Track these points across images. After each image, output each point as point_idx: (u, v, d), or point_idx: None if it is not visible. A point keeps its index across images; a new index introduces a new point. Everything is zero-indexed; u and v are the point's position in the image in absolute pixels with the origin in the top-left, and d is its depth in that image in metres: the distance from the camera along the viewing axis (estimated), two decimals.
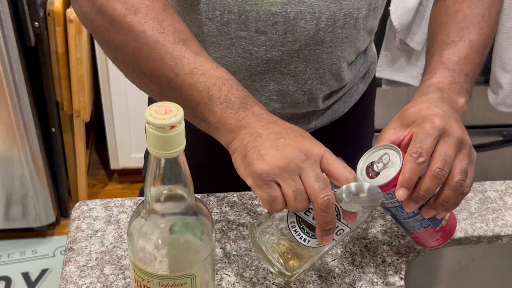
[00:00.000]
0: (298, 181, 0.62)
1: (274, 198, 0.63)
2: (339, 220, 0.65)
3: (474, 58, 0.79)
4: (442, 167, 0.64)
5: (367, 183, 0.64)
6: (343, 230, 0.66)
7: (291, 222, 0.66)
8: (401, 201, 0.67)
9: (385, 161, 0.67)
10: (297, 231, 0.66)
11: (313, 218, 0.64)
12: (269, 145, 0.64)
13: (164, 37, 0.68)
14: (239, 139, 0.66)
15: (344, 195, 0.63)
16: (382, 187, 0.65)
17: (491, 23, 0.82)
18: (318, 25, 0.78)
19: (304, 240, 0.66)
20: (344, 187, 0.63)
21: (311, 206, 0.64)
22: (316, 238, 0.65)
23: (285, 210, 0.65)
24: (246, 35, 0.79)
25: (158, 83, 0.69)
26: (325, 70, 0.84)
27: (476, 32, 0.80)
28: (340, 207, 0.64)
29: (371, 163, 0.68)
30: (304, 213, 0.65)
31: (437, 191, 0.67)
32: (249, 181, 0.64)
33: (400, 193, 0.65)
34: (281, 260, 0.69)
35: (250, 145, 0.65)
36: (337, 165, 0.63)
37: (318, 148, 0.64)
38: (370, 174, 0.67)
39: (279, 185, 0.63)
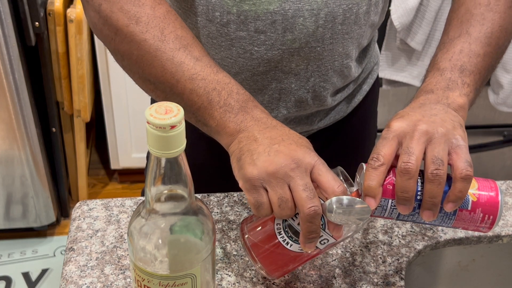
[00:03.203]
0: (286, 189, 0.62)
1: (261, 203, 0.63)
2: (324, 230, 0.65)
3: (473, 49, 0.75)
4: (407, 160, 0.61)
5: (356, 198, 0.63)
6: (328, 240, 0.66)
7: (277, 224, 0.67)
8: (394, 207, 0.65)
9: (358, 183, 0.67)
10: (281, 234, 0.66)
11: (299, 224, 0.64)
12: (262, 150, 0.64)
13: (164, 45, 0.69)
14: (236, 142, 0.67)
15: (330, 207, 0.62)
16: None
17: (499, 10, 0.78)
18: (317, 22, 0.78)
19: (287, 243, 0.66)
20: (332, 199, 0.62)
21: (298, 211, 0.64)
22: (299, 244, 0.65)
23: None
24: (246, 35, 0.79)
25: (162, 90, 0.71)
26: (327, 68, 0.84)
27: (477, 23, 0.77)
28: (326, 218, 0.64)
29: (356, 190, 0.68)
30: (291, 217, 0.65)
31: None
32: (240, 184, 0.65)
33: (366, 202, 0.63)
34: None
35: (245, 148, 0.65)
36: (327, 177, 0.63)
37: (310, 158, 0.63)
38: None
39: (267, 191, 0.63)
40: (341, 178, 0.66)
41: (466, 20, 0.78)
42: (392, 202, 0.64)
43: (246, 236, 0.69)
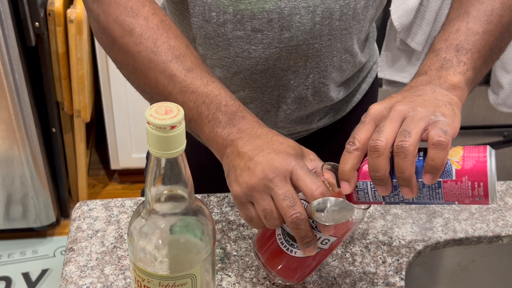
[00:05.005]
0: (268, 200, 0.63)
1: (251, 218, 0.65)
2: (319, 231, 0.65)
3: (471, 27, 0.72)
4: (376, 138, 0.60)
5: (333, 198, 0.62)
6: (329, 240, 0.66)
7: (278, 235, 0.68)
8: (375, 190, 0.63)
9: None
10: (283, 243, 0.67)
11: None
12: (243, 165, 0.65)
13: (157, 57, 0.70)
14: (225, 158, 0.68)
15: (311, 211, 0.62)
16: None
17: None
18: (313, 19, 0.78)
19: (291, 251, 0.67)
20: (313, 202, 0.62)
21: None
22: None
23: None
24: (243, 34, 0.79)
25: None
26: (326, 64, 0.84)
27: (476, 2, 0.75)
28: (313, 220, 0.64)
29: None
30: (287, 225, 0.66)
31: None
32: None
33: (341, 186, 0.62)
34: None
35: (231, 165, 0.67)
36: (305, 181, 0.63)
37: (287, 164, 0.63)
38: None
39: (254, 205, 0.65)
40: (323, 173, 0.66)
41: (465, 1, 0.76)
42: (371, 184, 0.62)
43: (257, 251, 0.71)
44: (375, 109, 0.64)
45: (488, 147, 0.60)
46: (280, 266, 0.70)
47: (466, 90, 0.69)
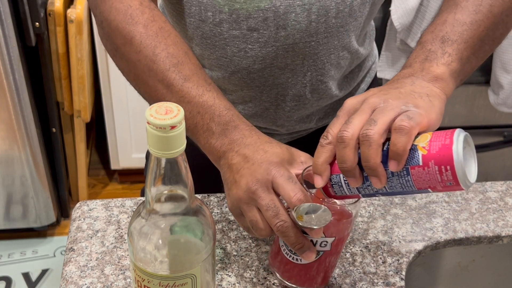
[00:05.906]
0: (254, 212, 0.65)
1: (247, 228, 0.67)
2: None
3: (458, 18, 0.72)
4: (343, 129, 0.60)
5: (308, 203, 0.62)
6: (327, 242, 0.66)
7: (281, 246, 0.69)
8: (347, 184, 0.63)
9: None
10: (288, 253, 0.68)
11: None
12: (232, 179, 0.67)
13: (156, 65, 0.71)
14: (220, 170, 0.70)
15: (295, 216, 0.63)
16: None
17: None
18: (309, 17, 0.78)
19: (296, 259, 0.68)
20: (294, 209, 0.63)
21: None
22: None
23: None
24: (239, 33, 0.80)
25: None
26: (324, 61, 0.84)
27: None
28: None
29: None
30: None
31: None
32: None
33: (314, 180, 0.63)
34: None
35: (224, 177, 0.69)
36: (284, 189, 0.64)
37: (267, 174, 0.65)
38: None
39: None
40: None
41: None
42: (343, 177, 0.62)
43: (271, 267, 0.72)
44: (349, 103, 0.64)
45: (457, 130, 0.58)
46: (293, 275, 0.70)
47: (451, 81, 0.69)
